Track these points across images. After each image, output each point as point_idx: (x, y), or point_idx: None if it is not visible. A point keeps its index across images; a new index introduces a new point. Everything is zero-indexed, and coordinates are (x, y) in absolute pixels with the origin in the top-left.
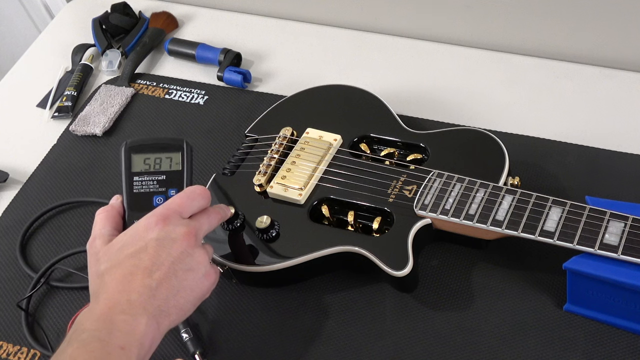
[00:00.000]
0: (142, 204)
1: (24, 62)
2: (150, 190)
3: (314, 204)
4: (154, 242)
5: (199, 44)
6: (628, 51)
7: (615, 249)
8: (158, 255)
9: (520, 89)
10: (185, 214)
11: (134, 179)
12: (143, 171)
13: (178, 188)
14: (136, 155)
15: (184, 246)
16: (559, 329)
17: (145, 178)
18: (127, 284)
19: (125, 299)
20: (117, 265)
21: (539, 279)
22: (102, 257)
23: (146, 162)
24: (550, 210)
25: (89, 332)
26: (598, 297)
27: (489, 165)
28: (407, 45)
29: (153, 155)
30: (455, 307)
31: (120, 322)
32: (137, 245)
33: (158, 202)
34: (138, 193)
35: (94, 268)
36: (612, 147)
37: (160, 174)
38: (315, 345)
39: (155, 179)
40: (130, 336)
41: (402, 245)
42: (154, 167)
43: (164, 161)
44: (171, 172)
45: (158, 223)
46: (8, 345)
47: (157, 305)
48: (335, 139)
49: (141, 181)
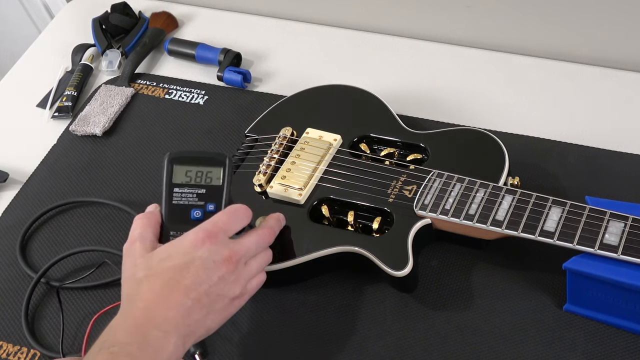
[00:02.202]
0: (180, 216)
1: (24, 62)
2: (189, 202)
3: (314, 204)
4: (199, 262)
5: (199, 44)
6: (628, 51)
7: (615, 249)
8: (198, 275)
9: (520, 89)
10: (230, 232)
11: (174, 190)
12: (184, 183)
13: (217, 203)
14: (178, 167)
15: (223, 271)
16: (559, 329)
17: (185, 190)
18: (165, 298)
19: (161, 314)
20: (157, 275)
21: (539, 279)
22: (141, 264)
23: (187, 175)
24: (550, 210)
25: (120, 346)
26: (598, 297)
27: (489, 165)
28: (407, 45)
29: (195, 168)
30: (455, 307)
31: (153, 338)
32: (182, 260)
33: (196, 216)
34: (177, 204)
35: (131, 271)
36: (612, 147)
37: (201, 187)
38: (315, 346)
39: (195, 192)
40: (159, 354)
41: (402, 245)
42: (195, 180)
43: (205, 175)
44: (211, 186)
45: (205, 241)
46: (8, 345)
47: (187, 325)
48: (335, 139)
49: (181, 193)
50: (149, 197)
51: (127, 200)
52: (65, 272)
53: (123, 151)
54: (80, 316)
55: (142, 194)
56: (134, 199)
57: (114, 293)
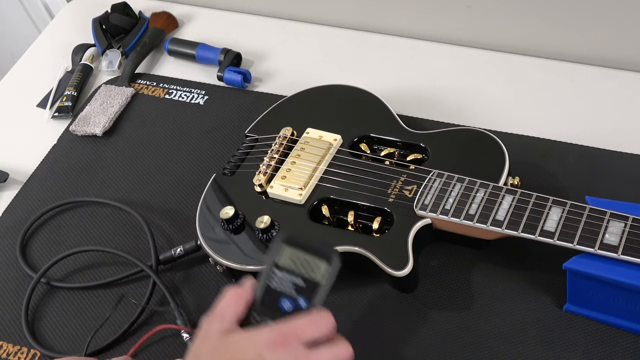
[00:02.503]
0: (270, 301)
1: (24, 62)
2: (283, 290)
3: (314, 204)
4: None
5: (199, 44)
6: (628, 51)
7: (615, 249)
8: None
9: (520, 89)
10: (304, 339)
11: (275, 271)
12: (286, 267)
13: (309, 300)
14: (288, 249)
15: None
16: (559, 329)
17: (285, 275)
18: None
19: None
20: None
21: (539, 279)
22: (209, 345)
23: (293, 260)
24: (551, 210)
25: None
26: (598, 297)
27: (489, 165)
28: (407, 45)
29: (302, 255)
30: (456, 307)
31: None
32: (246, 356)
33: (284, 307)
34: (272, 288)
35: (198, 347)
36: (612, 147)
37: (301, 277)
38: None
39: (293, 281)
40: None
41: (402, 245)
42: (298, 268)
43: (309, 265)
44: (311, 281)
45: (276, 344)
46: (8, 345)
47: None
48: (335, 139)
49: (280, 277)
50: (149, 197)
51: (127, 200)
52: (66, 272)
53: (123, 151)
54: (80, 316)
55: (142, 194)
56: (134, 199)
57: (114, 293)
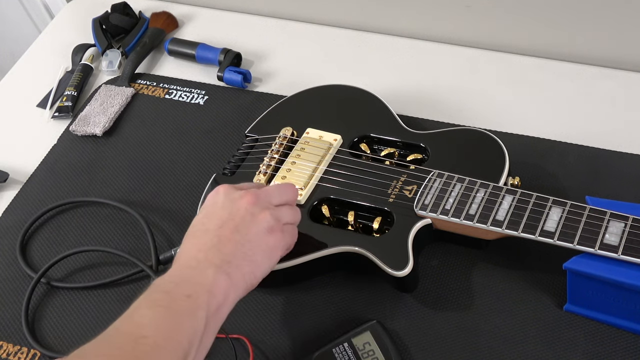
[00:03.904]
0: None
1: (24, 62)
2: (336, 358)
3: (314, 204)
4: (220, 204)
5: (199, 44)
6: (628, 51)
7: (615, 249)
8: (222, 216)
9: (520, 89)
10: (273, 201)
11: (345, 344)
12: (355, 347)
13: None
14: (368, 334)
15: (245, 203)
16: (559, 329)
17: (349, 352)
18: (194, 245)
19: (192, 256)
20: (194, 232)
21: (539, 279)
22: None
23: (364, 345)
24: (551, 210)
25: (155, 286)
26: (598, 297)
27: (489, 165)
28: (407, 45)
29: (375, 347)
30: (456, 307)
31: (187, 275)
32: (239, 212)
33: None
34: (332, 353)
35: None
36: (612, 147)
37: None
38: (314, 346)
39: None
40: (198, 286)
41: (402, 245)
42: (363, 354)
43: (372, 357)
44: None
45: (254, 203)
46: (8, 345)
47: (222, 258)
48: (336, 139)
49: (344, 350)
50: (149, 197)
51: (128, 200)
52: (66, 272)
53: (123, 151)
54: (80, 316)
55: (142, 193)
56: (134, 199)
57: (114, 293)
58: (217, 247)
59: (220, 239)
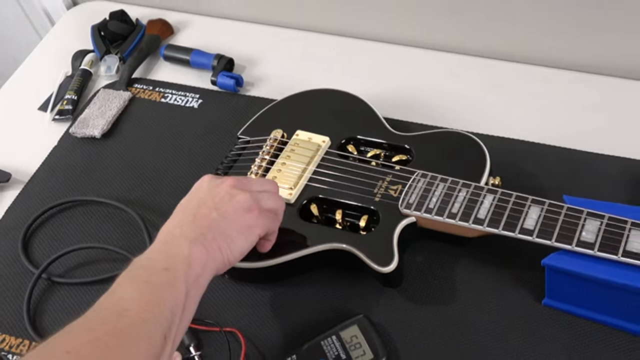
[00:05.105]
0: (312, 354)
1: (26, 67)
2: (327, 353)
3: (304, 203)
4: (204, 188)
5: (193, 50)
6: (602, 56)
7: (592, 246)
8: (203, 198)
9: (501, 93)
10: (253, 188)
11: (333, 337)
12: (342, 339)
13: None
14: (355, 327)
15: (226, 187)
16: (538, 323)
17: (337, 344)
18: (172, 222)
19: (169, 231)
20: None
21: (518, 274)
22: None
23: (352, 337)
24: (530, 209)
25: (134, 263)
26: (575, 292)
27: (471, 165)
28: (393, 50)
29: (362, 339)
30: (439, 302)
31: (164, 249)
32: (220, 193)
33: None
34: (320, 345)
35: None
36: (589, 148)
37: (346, 354)
38: (304, 338)
39: (339, 352)
40: (174, 258)
41: (387, 242)
42: (350, 346)
43: (360, 349)
44: None
45: (236, 186)
46: (10, 337)
47: (198, 232)
48: (324, 141)
49: (332, 342)
50: (145, 197)
51: (125, 199)
52: (66, 268)
53: (121, 152)
54: (79, 310)
55: (139, 193)
56: (132, 198)
57: None
58: (193, 222)
59: (195, 217)
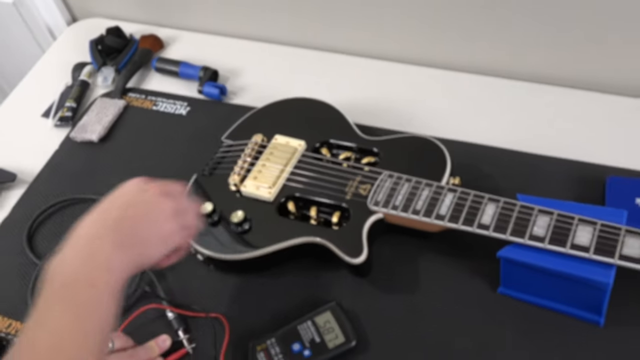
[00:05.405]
0: (288, 338)
1: (30, 78)
2: (302, 336)
3: (282, 201)
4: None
5: (182, 62)
6: (550, 67)
7: (542, 239)
8: (122, 204)
9: (460, 101)
10: (176, 196)
11: (309, 322)
12: (317, 324)
13: (313, 356)
14: (328, 314)
15: (149, 194)
16: (494, 309)
17: (312, 328)
18: (92, 222)
19: (89, 234)
20: None
21: (476, 265)
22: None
23: (325, 322)
24: (487, 206)
25: (56, 277)
26: (527, 281)
27: (433, 167)
28: (363, 63)
29: (335, 325)
30: (405, 290)
31: (85, 260)
32: (145, 198)
33: (293, 347)
34: (296, 330)
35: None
36: (540, 151)
37: (320, 337)
38: (282, 323)
39: (313, 336)
40: (98, 270)
41: (357, 236)
42: (324, 330)
43: (332, 334)
44: (324, 344)
45: (163, 194)
46: (16, 323)
47: (121, 237)
48: (300, 144)
49: (307, 327)
50: None
51: None
52: None
53: (116, 155)
54: None
55: None
56: None
57: None
58: (116, 225)
59: (119, 219)
